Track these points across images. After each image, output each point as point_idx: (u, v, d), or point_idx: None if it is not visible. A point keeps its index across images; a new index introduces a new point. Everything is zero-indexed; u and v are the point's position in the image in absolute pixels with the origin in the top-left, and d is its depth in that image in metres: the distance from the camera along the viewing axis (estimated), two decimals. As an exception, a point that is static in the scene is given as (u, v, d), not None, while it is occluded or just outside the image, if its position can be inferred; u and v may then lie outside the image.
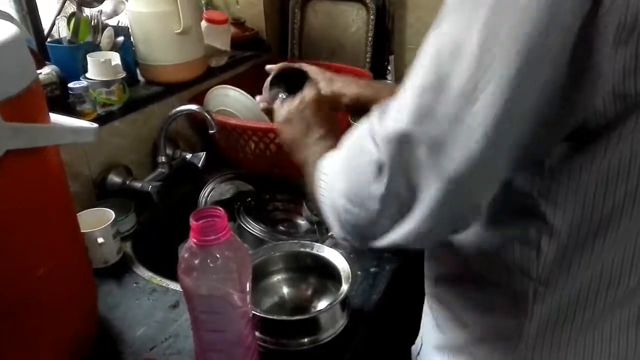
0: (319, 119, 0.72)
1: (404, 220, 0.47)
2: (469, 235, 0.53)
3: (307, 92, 0.76)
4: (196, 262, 0.58)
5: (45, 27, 1.14)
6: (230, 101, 1.22)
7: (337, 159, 0.54)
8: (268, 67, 0.92)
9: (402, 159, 0.44)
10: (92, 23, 1.11)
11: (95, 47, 1.11)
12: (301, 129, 0.71)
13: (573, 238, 0.47)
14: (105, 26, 1.14)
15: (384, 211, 0.47)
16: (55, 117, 0.67)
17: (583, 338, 0.51)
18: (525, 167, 0.45)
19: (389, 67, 1.56)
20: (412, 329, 0.75)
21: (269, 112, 0.86)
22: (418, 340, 0.73)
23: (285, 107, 0.76)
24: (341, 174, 0.52)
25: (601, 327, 0.51)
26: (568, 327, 0.51)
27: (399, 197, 0.46)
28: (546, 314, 0.50)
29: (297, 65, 0.92)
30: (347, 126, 1.11)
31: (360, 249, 0.52)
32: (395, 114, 0.45)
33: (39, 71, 0.96)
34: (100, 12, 1.15)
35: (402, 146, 0.44)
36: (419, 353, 0.71)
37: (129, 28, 1.20)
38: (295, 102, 0.75)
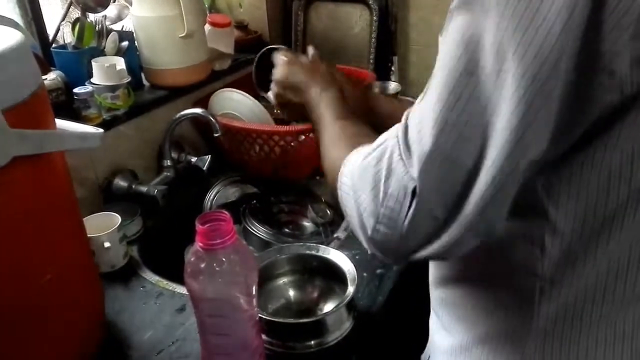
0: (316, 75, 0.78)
1: (439, 236, 0.46)
2: None
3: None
4: (202, 266, 0.59)
5: (50, 32, 1.15)
6: (235, 104, 1.22)
7: (362, 170, 0.51)
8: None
9: (434, 179, 0.44)
10: (97, 28, 1.12)
11: (100, 52, 1.12)
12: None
13: (576, 236, 0.46)
14: (109, 31, 1.15)
15: (418, 231, 0.46)
16: (61, 123, 0.67)
17: (594, 335, 0.50)
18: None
19: (393, 68, 1.56)
20: (419, 331, 0.74)
21: (283, 106, 0.87)
22: (427, 347, 0.72)
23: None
24: (367, 191, 0.49)
25: (614, 324, 0.50)
26: (577, 324, 0.50)
27: (431, 215, 0.45)
28: (554, 312, 0.50)
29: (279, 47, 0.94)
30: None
31: (393, 264, 0.51)
32: (418, 133, 0.44)
33: (44, 77, 0.97)
34: (105, 17, 1.16)
35: (432, 166, 0.43)
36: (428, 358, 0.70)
37: (133, 33, 1.20)
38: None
